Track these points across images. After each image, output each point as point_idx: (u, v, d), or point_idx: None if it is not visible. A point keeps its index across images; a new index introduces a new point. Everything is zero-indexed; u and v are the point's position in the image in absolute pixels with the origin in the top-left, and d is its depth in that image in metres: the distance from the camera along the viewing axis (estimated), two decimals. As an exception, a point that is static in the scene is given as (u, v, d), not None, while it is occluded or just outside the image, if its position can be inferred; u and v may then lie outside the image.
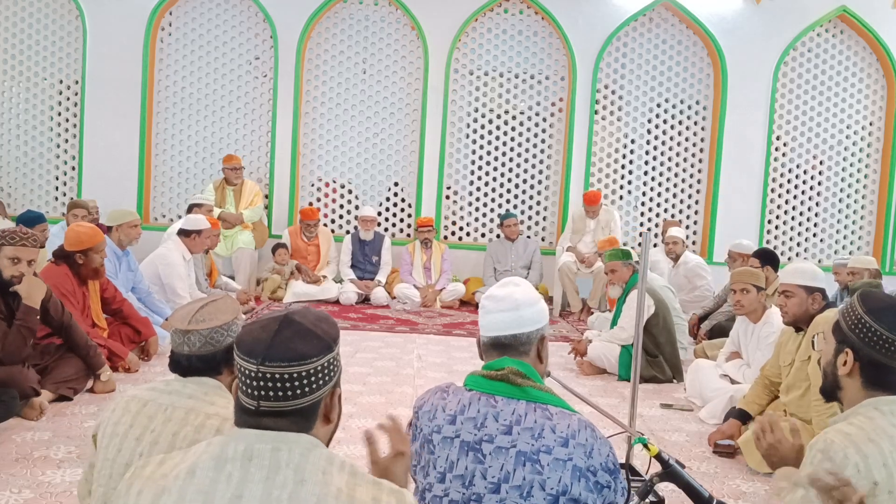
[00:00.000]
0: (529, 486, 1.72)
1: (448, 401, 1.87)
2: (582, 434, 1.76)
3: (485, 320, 1.92)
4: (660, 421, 4.32)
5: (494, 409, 1.81)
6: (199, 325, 1.84)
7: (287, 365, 1.29)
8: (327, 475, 1.25)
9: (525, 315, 1.89)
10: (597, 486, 1.74)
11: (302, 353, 1.30)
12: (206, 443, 1.33)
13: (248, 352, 1.30)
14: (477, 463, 1.77)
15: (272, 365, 1.29)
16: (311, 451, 1.28)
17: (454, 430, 1.82)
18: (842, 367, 1.84)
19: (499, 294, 1.92)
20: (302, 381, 1.30)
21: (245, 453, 1.26)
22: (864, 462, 1.67)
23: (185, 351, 1.86)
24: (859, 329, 1.81)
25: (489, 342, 1.91)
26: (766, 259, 5.63)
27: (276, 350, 1.29)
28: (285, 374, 1.29)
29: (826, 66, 8.54)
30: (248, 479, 1.24)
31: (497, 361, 1.88)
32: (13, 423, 3.60)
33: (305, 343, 1.32)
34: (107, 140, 8.30)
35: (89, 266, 4.55)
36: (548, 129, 8.63)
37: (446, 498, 1.79)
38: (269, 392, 1.29)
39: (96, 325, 4.67)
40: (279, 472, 1.24)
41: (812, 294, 3.62)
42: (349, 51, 8.52)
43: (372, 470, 1.62)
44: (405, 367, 5.21)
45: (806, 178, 8.69)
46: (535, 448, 1.74)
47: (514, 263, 7.97)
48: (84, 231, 4.60)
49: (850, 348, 1.82)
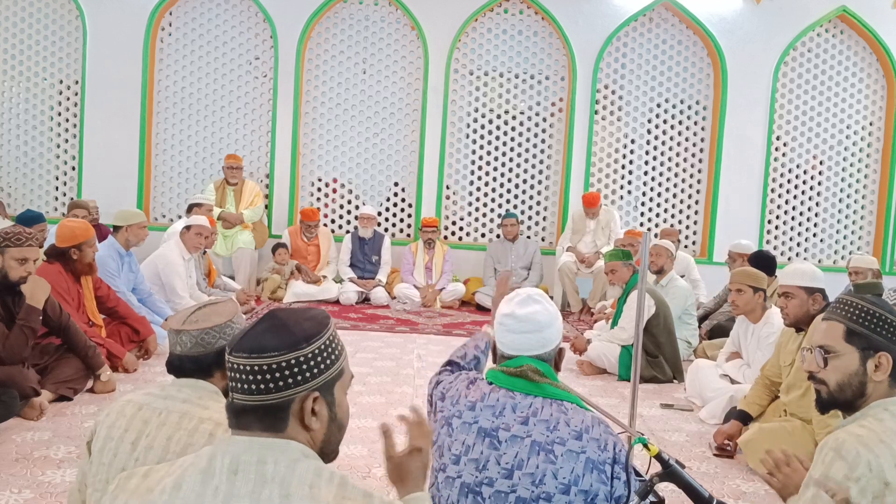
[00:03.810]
0: (542, 475, 1.78)
1: (472, 390, 1.94)
2: (596, 429, 1.83)
3: (507, 339, 1.95)
4: (660, 421, 4.32)
5: (513, 400, 1.87)
6: (191, 326, 1.84)
7: (248, 356, 1.28)
8: (314, 489, 1.23)
9: (547, 336, 1.94)
10: (608, 478, 1.80)
11: (263, 345, 1.28)
12: (194, 455, 1.30)
13: (229, 344, 1.33)
14: (492, 449, 1.82)
15: (238, 355, 1.29)
16: (298, 462, 1.25)
17: (473, 416, 1.87)
18: (875, 373, 1.79)
19: (521, 314, 1.93)
20: (265, 374, 1.27)
21: (231, 466, 1.24)
22: (876, 461, 1.68)
23: (178, 351, 1.85)
24: (888, 330, 1.79)
25: (511, 356, 1.96)
26: (758, 263, 5.52)
27: (244, 341, 1.29)
28: (247, 365, 1.28)
29: (826, 66, 8.53)
30: (234, 493, 1.22)
31: (515, 360, 1.93)
32: (13, 423, 3.60)
33: (273, 337, 1.29)
34: (107, 140, 8.30)
35: (83, 261, 4.54)
36: (548, 129, 8.63)
37: (459, 479, 1.84)
38: (237, 384, 1.29)
39: (93, 323, 4.66)
40: (265, 486, 1.22)
41: (812, 295, 3.62)
42: (349, 51, 8.52)
43: (386, 465, 1.58)
44: (405, 367, 5.20)
45: (806, 178, 8.69)
46: (549, 439, 1.80)
47: (514, 264, 7.97)
48: (76, 225, 4.60)
49: (886, 351, 1.79)
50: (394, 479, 1.56)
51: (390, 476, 1.57)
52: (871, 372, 1.79)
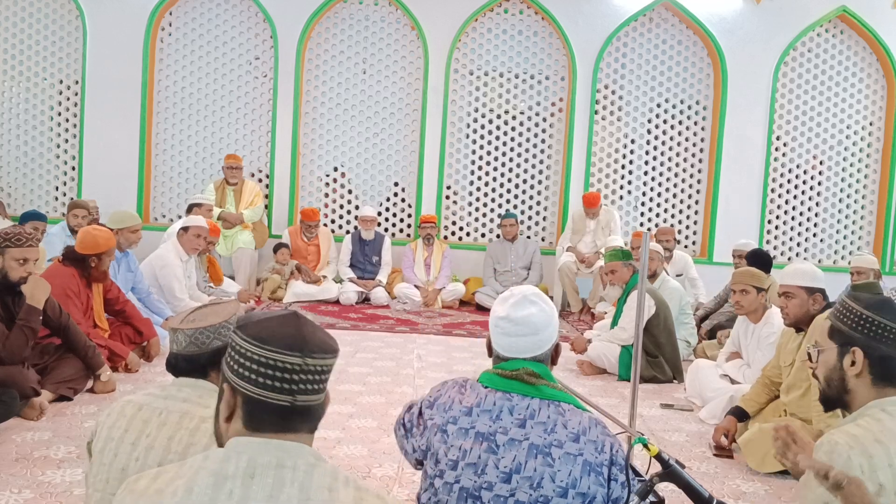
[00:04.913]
0: (540, 478, 1.77)
1: (465, 395, 1.91)
2: (593, 431, 1.82)
3: (503, 342, 1.93)
4: (660, 421, 4.31)
5: (510, 403, 1.86)
6: (186, 325, 1.84)
7: (327, 356, 1.29)
8: (333, 492, 1.22)
9: (544, 337, 1.92)
10: (606, 480, 1.80)
11: (333, 346, 1.31)
12: (203, 456, 1.27)
13: (288, 346, 1.25)
14: (490, 453, 1.81)
15: (318, 356, 1.27)
16: (316, 466, 1.24)
17: (469, 422, 1.86)
18: (850, 369, 1.84)
19: (516, 317, 1.90)
20: (328, 374, 1.30)
21: (247, 470, 1.21)
22: (869, 463, 1.68)
23: (174, 349, 1.86)
24: (863, 326, 1.82)
25: (506, 357, 1.94)
26: (754, 261, 5.60)
27: (315, 342, 1.28)
28: (325, 365, 1.29)
29: (826, 66, 8.53)
30: (251, 497, 1.19)
31: (510, 362, 1.92)
32: (13, 423, 3.60)
33: (328, 337, 1.32)
34: (107, 140, 8.30)
35: (100, 269, 4.58)
36: (548, 129, 8.63)
37: (457, 485, 1.82)
38: (307, 385, 1.26)
39: (98, 325, 4.67)
40: (283, 490, 1.20)
41: (813, 295, 3.62)
42: (349, 51, 8.52)
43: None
44: (405, 367, 5.20)
45: (806, 178, 8.69)
46: (547, 442, 1.79)
47: (513, 264, 7.97)
48: (101, 234, 4.61)
49: (858, 347, 1.82)
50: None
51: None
52: (848, 367, 1.84)
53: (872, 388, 1.82)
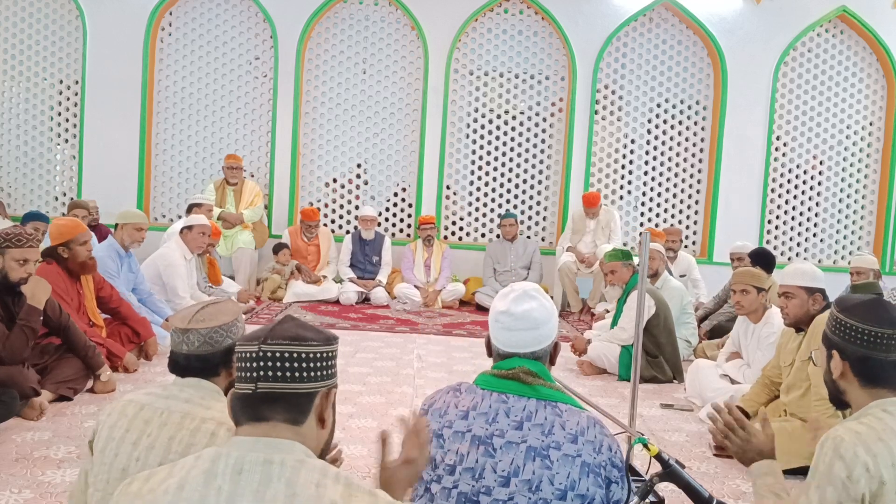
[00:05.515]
0: (538, 481, 1.74)
1: (461, 398, 1.90)
2: (591, 431, 1.80)
3: (503, 336, 1.91)
4: (660, 421, 4.32)
5: (506, 405, 1.84)
6: (198, 325, 1.84)
7: (287, 343, 1.33)
8: (321, 488, 1.23)
9: (544, 332, 1.91)
10: (605, 481, 1.77)
11: (302, 335, 1.34)
12: (195, 456, 1.30)
13: (250, 338, 1.35)
14: (487, 456, 1.79)
15: (273, 343, 1.32)
16: (305, 463, 1.26)
17: (466, 425, 1.84)
18: (835, 371, 1.90)
19: (516, 312, 1.89)
20: (301, 362, 1.32)
21: (235, 466, 1.24)
22: (874, 461, 1.72)
23: (184, 350, 1.85)
24: (839, 329, 1.89)
25: (506, 353, 1.93)
26: (758, 260, 5.61)
27: (277, 332, 1.34)
28: (285, 352, 1.32)
29: (826, 66, 8.54)
30: (238, 493, 1.22)
31: (508, 361, 1.90)
32: (13, 423, 3.60)
33: (307, 331, 1.37)
34: (107, 140, 8.30)
35: (75, 260, 4.51)
36: (548, 129, 8.63)
37: (455, 490, 1.80)
38: (267, 372, 1.31)
39: (94, 323, 4.66)
40: (270, 485, 1.22)
41: (813, 295, 3.62)
42: (349, 51, 8.52)
43: (380, 473, 1.61)
44: (405, 367, 5.20)
45: (806, 178, 8.70)
46: (545, 444, 1.77)
47: (513, 264, 7.97)
48: (64, 223, 4.58)
49: (836, 350, 1.89)
50: (382, 487, 1.59)
51: (381, 483, 1.60)
52: (834, 370, 1.91)
53: (862, 390, 1.86)
